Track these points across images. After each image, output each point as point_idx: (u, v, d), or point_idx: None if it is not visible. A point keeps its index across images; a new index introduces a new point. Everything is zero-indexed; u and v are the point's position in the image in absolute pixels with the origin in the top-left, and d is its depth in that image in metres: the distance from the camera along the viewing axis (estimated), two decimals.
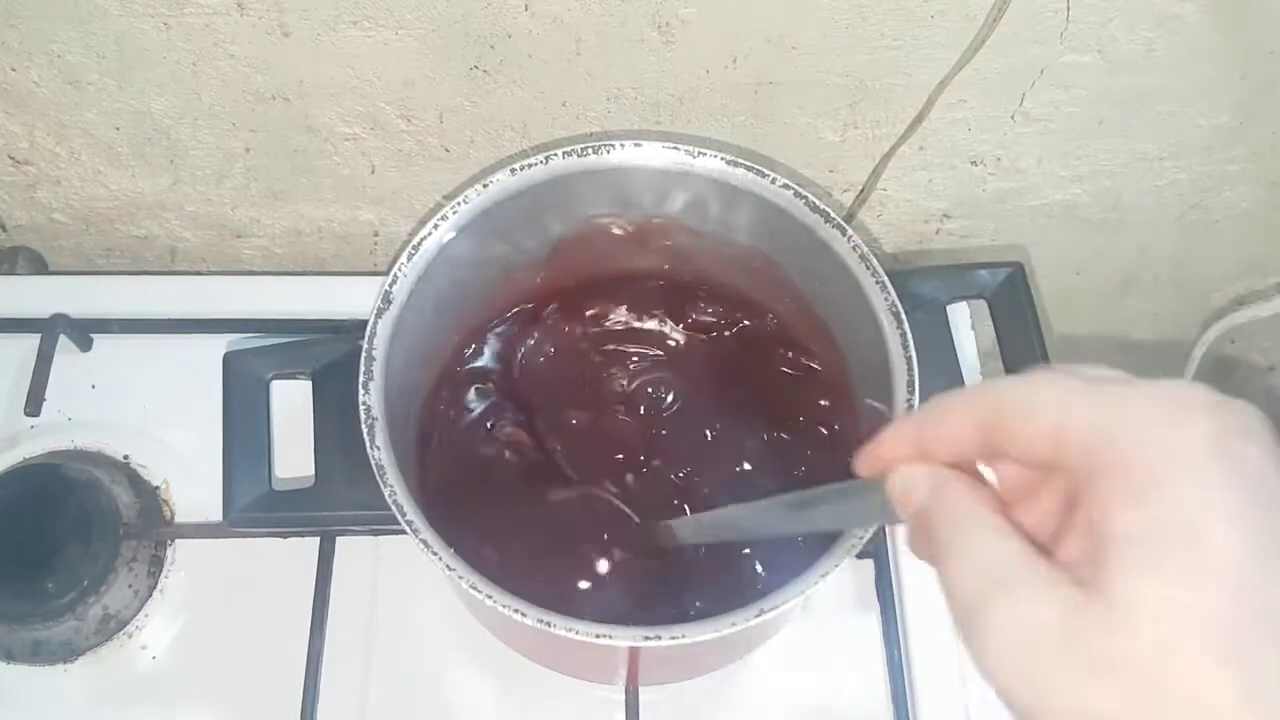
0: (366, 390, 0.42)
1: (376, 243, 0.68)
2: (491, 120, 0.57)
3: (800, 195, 0.46)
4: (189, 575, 0.55)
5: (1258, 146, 0.62)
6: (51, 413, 0.57)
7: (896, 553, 0.56)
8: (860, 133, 0.59)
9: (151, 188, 0.63)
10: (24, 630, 0.51)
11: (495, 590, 0.39)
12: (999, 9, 0.49)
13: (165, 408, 0.58)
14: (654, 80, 0.55)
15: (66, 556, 0.51)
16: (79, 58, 0.53)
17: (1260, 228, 0.69)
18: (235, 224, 0.66)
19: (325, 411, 0.50)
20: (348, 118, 0.57)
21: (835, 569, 0.39)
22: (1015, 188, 0.65)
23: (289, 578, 0.54)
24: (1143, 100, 0.57)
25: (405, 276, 0.45)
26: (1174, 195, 0.66)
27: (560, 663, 0.52)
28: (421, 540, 0.39)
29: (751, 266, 0.52)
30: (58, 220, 0.66)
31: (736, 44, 0.53)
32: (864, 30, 0.52)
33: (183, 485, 0.56)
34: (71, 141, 0.59)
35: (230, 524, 0.50)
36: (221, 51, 0.53)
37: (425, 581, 0.54)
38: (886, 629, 0.54)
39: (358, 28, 0.51)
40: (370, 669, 0.53)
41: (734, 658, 0.52)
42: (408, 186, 0.63)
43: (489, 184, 0.46)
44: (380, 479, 0.41)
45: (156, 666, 0.53)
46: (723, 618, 0.38)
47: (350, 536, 0.54)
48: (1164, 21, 0.52)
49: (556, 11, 0.50)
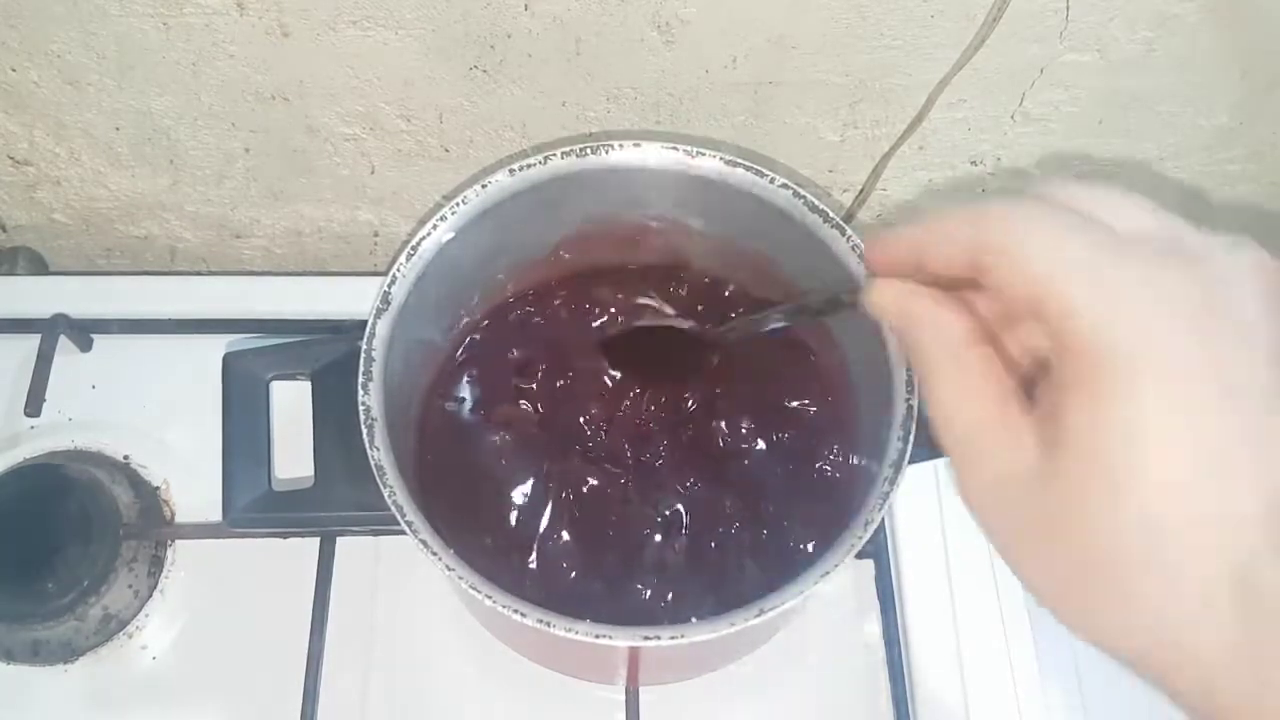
0: (366, 391, 0.42)
1: (376, 243, 0.68)
2: (491, 120, 0.57)
3: (800, 195, 0.46)
4: (189, 575, 0.55)
5: (1258, 146, 0.62)
6: (51, 413, 0.57)
7: (897, 553, 0.56)
8: (860, 133, 0.59)
9: (151, 188, 0.63)
10: (24, 630, 0.51)
11: (495, 590, 0.39)
12: (999, 9, 0.49)
13: (165, 408, 0.58)
14: (654, 80, 0.55)
15: (66, 557, 0.51)
16: (79, 58, 0.53)
17: (1260, 228, 0.69)
18: (235, 224, 0.66)
19: (325, 412, 0.50)
20: (348, 118, 0.57)
21: (835, 569, 0.39)
22: (1015, 188, 0.65)
23: (289, 578, 0.54)
24: (1143, 100, 0.57)
25: (404, 277, 0.45)
26: (1174, 195, 0.66)
27: (560, 663, 0.52)
28: (421, 540, 0.39)
29: (751, 266, 0.51)
30: (58, 220, 0.66)
31: (736, 44, 0.53)
32: (864, 30, 0.52)
33: (183, 485, 0.57)
34: (71, 141, 0.59)
35: (230, 524, 0.50)
36: (221, 51, 0.53)
37: (425, 581, 0.54)
38: (886, 629, 0.54)
39: (358, 28, 0.51)
40: (370, 669, 0.53)
41: (734, 658, 0.52)
42: (408, 186, 0.63)
43: (488, 184, 0.46)
44: (380, 479, 0.41)
45: (156, 666, 0.53)
46: (723, 618, 0.38)
47: (350, 537, 0.54)
48: (1164, 21, 0.52)
49: (556, 11, 0.50)
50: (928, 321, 0.27)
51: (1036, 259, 0.25)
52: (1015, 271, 0.25)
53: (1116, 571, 0.24)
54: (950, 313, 0.27)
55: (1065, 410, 0.24)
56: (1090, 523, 0.24)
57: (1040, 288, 0.24)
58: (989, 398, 0.26)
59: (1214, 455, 0.23)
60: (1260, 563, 0.23)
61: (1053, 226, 0.25)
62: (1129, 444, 0.23)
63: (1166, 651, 0.24)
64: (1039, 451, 0.25)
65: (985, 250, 0.26)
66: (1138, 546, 0.23)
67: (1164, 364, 0.23)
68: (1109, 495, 0.24)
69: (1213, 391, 0.23)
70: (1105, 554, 0.24)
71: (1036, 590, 0.26)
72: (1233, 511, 0.23)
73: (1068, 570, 0.25)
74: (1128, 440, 0.23)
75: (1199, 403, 0.23)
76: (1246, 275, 0.25)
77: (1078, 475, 0.24)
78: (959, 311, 0.27)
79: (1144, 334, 0.23)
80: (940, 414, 0.27)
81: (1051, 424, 0.25)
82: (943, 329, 0.27)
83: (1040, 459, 0.25)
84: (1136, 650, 0.25)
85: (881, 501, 0.40)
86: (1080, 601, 0.25)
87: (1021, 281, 0.25)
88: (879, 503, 0.40)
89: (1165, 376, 0.23)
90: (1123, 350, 0.23)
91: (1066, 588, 0.25)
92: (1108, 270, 0.24)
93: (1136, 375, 0.23)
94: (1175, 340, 0.23)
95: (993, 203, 0.26)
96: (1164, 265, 0.24)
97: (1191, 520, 0.23)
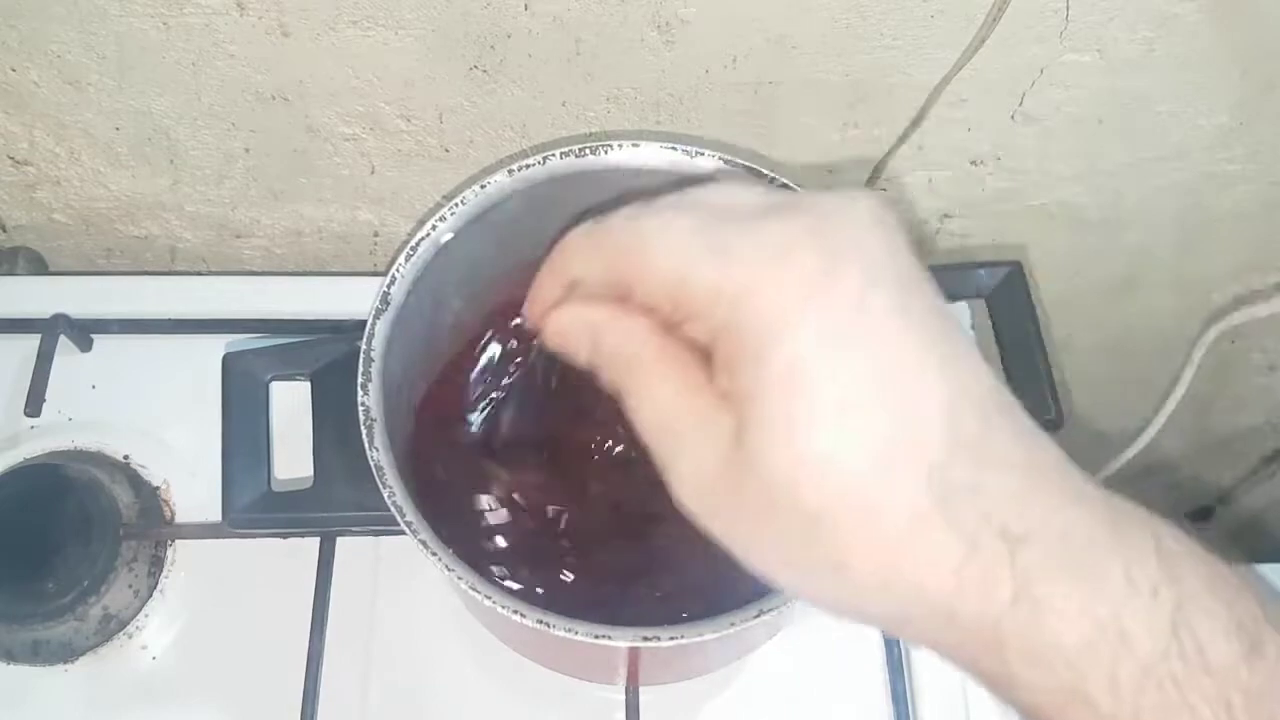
0: (365, 391, 0.42)
1: (376, 243, 0.68)
2: (491, 120, 0.57)
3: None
4: (189, 575, 0.55)
5: (1258, 146, 0.62)
6: (51, 413, 0.57)
7: None
8: (860, 133, 0.59)
9: (151, 188, 0.63)
10: (24, 630, 0.51)
11: (495, 591, 0.39)
12: (999, 9, 0.49)
13: (165, 408, 0.58)
14: (654, 80, 0.55)
15: (66, 557, 0.51)
16: (79, 58, 0.53)
17: (1260, 228, 0.69)
18: (235, 224, 0.66)
19: (324, 412, 0.50)
20: (348, 118, 0.57)
21: None
22: (1015, 188, 0.65)
23: (289, 578, 0.54)
24: (1143, 100, 0.57)
25: (403, 277, 0.45)
26: (1174, 195, 0.66)
27: (560, 663, 0.52)
28: (421, 540, 0.39)
29: None
30: (58, 220, 0.66)
31: (736, 44, 0.53)
32: (864, 30, 0.52)
33: (183, 485, 0.57)
34: (71, 141, 0.59)
35: (230, 524, 0.50)
36: (221, 51, 0.53)
37: (425, 582, 0.54)
38: None
39: (358, 28, 0.51)
40: (370, 669, 0.53)
41: (734, 658, 0.52)
42: (408, 186, 0.63)
43: (487, 185, 0.46)
44: (379, 480, 0.41)
45: (156, 666, 0.53)
46: (723, 618, 0.38)
47: (350, 537, 0.54)
48: (1164, 21, 0.52)
49: (556, 11, 0.50)
50: (611, 324, 0.27)
51: (662, 255, 0.25)
52: (653, 278, 0.26)
53: (824, 530, 0.24)
54: (628, 315, 0.27)
55: (736, 382, 0.24)
56: (784, 481, 0.24)
57: (675, 279, 0.25)
58: (688, 391, 0.26)
59: (871, 380, 0.23)
60: (952, 470, 0.23)
61: (674, 221, 0.26)
62: (792, 387, 0.23)
63: (897, 596, 0.24)
64: (733, 429, 0.25)
65: (621, 263, 0.26)
66: (831, 492, 0.23)
67: (803, 308, 0.24)
68: (789, 447, 0.23)
69: (854, 321, 0.24)
70: (807, 513, 0.24)
71: (767, 572, 0.26)
72: (908, 428, 0.23)
73: (785, 543, 0.25)
74: (790, 384, 0.23)
75: (843, 334, 0.24)
76: (863, 214, 0.25)
77: (761, 441, 0.24)
78: (635, 312, 0.27)
79: (776, 285, 0.24)
80: (649, 419, 0.27)
81: (731, 402, 0.25)
82: (629, 328, 0.27)
83: (731, 438, 0.25)
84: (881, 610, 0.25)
85: None
86: (808, 572, 0.25)
87: (660, 284, 0.26)
88: None
89: (809, 321, 0.23)
90: (763, 308, 0.24)
91: (790, 561, 0.25)
92: (731, 239, 0.25)
93: (785, 326, 0.23)
94: (808, 283, 0.24)
95: (600, 223, 0.27)
96: (781, 220, 0.25)
97: (871, 450, 0.23)
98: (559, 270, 0.29)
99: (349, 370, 0.43)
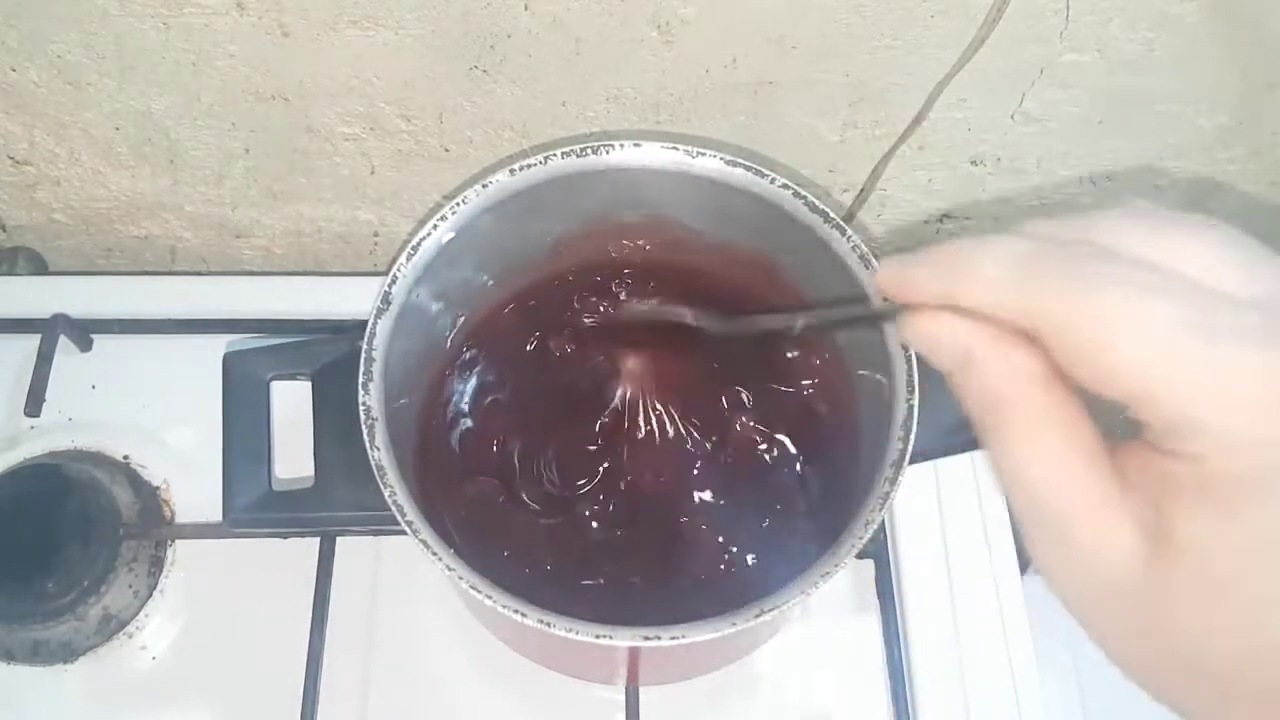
0: (366, 391, 0.42)
1: (376, 243, 0.68)
2: (491, 120, 0.57)
3: (800, 195, 0.46)
4: (189, 575, 0.55)
5: (1258, 146, 0.62)
6: (51, 413, 0.57)
7: (896, 553, 0.56)
8: (860, 133, 0.59)
9: (151, 188, 0.63)
10: (24, 630, 0.51)
11: (495, 590, 0.39)
12: (999, 9, 0.49)
13: (165, 408, 0.58)
14: (654, 80, 0.55)
15: (66, 557, 0.51)
16: (79, 58, 0.53)
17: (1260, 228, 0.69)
18: (235, 224, 0.66)
19: (325, 412, 0.50)
20: (348, 118, 0.57)
21: (835, 569, 0.39)
22: (1015, 188, 0.65)
23: (289, 578, 0.54)
24: (1143, 100, 0.57)
25: (404, 277, 0.45)
26: (1174, 195, 0.66)
27: (560, 663, 0.52)
28: (421, 540, 0.39)
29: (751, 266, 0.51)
30: (58, 220, 0.66)
31: (736, 44, 0.53)
32: (864, 30, 0.52)
33: (183, 485, 0.57)
34: (71, 141, 0.59)
35: (230, 524, 0.50)
36: (221, 51, 0.53)
37: (425, 581, 0.54)
38: (886, 629, 0.54)
39: (357, 28, 0.51)
40: (370, 669, 0.53)
41: (734, 658, 0.52)
42: (408, 186, 0.63)
43: (488, 184, 0.46)
44: (380, 480, 0.41)
45: (156, 666, 0.53)
46: (723, 618, 0.38)
47: (350, 537, 0.54)
48: (1164, 21, 0.52)
49: (556, 11, 0.50)
50: (994, 362, 0.23)
51: (1122, 350, 0.20)
52: (1094, 360, 0.21)
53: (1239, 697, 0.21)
54: (1020, 351, 0.22)
55: (1176, 514, 0.21)
56: (1215, 645, 0.21)
57: (1133, 386, 0.21)
58: (1080, 469, 0.22)
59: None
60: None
61: (1129, 297, 0.21)
62: (1257, 569, 0.20)
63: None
64: (1142, 550, 0.21)
65: (1042, 317, 0.21)
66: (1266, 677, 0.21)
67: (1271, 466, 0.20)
68: (1235, 621, 0.21)
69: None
70: (1229, 680, 0.21)
71: (1141, 685, 0.23)
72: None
73: (1185, 683, 0.22)
74: (1254, 564, 0.20)
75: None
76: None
77: (1196, 595, 0.21)
78: (1029, 348, 0.22)
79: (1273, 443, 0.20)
80: (1021, 487, 0.22)
81: (1155, 517, 0.21)
82: (1016, 373, 0.22)
83: (1144, 561, 0.21)
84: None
85: (882, 501, 0.40)
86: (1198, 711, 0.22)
87: (1105, 376, 0.21)
88: (879, 503, 0.40)
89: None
90: (1250, 465, 0.20)
91: (1180, 696, 0.23)
92: (1221, 367, 0.20)
93: (1267, 495, 0.20)
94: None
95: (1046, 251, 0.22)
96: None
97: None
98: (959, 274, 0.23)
99: (350, 370, 0.43)
